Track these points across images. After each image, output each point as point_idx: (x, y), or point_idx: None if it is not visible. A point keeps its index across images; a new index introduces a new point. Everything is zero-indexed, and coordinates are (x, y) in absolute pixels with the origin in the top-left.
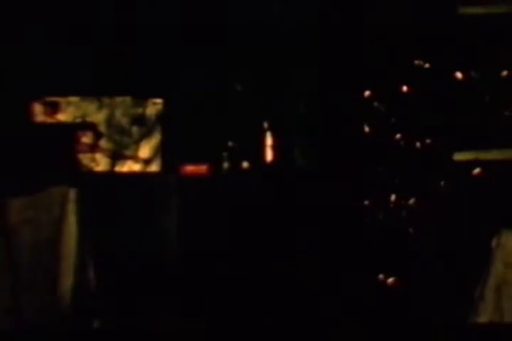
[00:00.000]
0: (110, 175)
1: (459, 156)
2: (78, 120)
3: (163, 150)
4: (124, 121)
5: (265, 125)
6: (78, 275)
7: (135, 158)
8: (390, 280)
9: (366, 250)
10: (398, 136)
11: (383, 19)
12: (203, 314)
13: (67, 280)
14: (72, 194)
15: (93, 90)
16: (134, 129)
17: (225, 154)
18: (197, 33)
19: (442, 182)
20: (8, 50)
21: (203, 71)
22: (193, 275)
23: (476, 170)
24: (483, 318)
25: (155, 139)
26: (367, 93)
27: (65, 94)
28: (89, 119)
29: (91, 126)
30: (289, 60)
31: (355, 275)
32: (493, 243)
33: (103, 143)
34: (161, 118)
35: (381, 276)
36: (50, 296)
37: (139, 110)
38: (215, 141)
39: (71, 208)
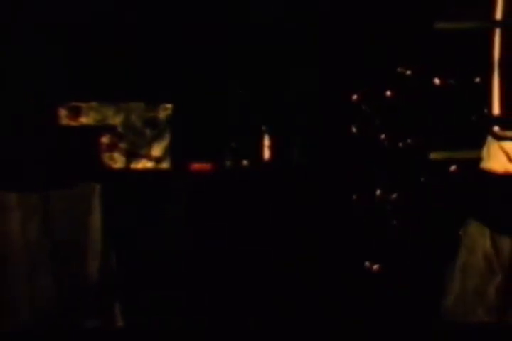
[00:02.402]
0: (127, 172)
1: (434, 155)
2: (98, 123)
3: (172, 150)
4: (138, 123)
5: (263, 128)
6: (103, 258)
7: (148, 157)
8: (375, 266)
9: (354, 240)
10: (383, 136)
11: (370, 32)
12: (206, 306)
13: (94, 262)
14: (98, 188)
15: (111, 96)
16: (147, 131)
17: (227, 153)
18: (198, 35)
19: (421, 178)
20: (38, 61)
21: (208, 79)
22: (197, 266)
23: (452, 168)
24: (451, 296)
25: (165, 140)
26: (355, 97)
27: (87, 99)
28: (107, 122)
29: (112, 129)
30: (289, 61)
31: (345, 262)
32: (461, 231)
33: (120, 143)
34: (171, 121)
35: (367, 263)
36: (81, 275)
37: (152, 114)
38: (218, 141)
39: (97, 200)
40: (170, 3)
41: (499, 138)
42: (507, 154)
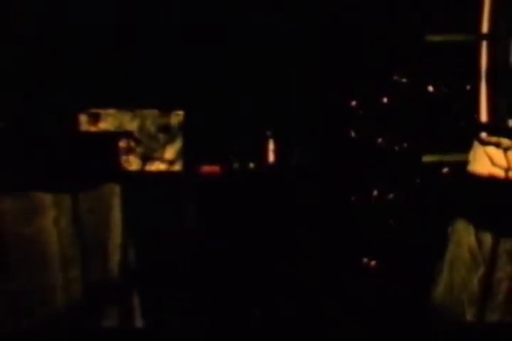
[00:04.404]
0: (142, 174)
1: (427, 158)
2: (116, 129)
3: (184, 153)
4: (153, 129)
5: (268, 133)
6: (122, 254)
7: (161, 160)
8: (373, 262)
9: (353, 237)
10: (380, 140)
11: (368, 43)
12: (213, 303)
13: (115, 257)
14: (117, 189)
15: (127, 104)
16: (161, 136)
17: (234, 156)
18: (206, 49)
19: (416, 180)
20: (62, 72)
21: (216, 88)
22: (205, 263)
23: (445, 170)
24: (440, 286)
25: (178, 144)
26: (353, 103)
27: (105, 106)
28: (124, 128)
29: (130, 134)
30: (291, 71)
31: (344, 258)
32: (450, 228)
33: (136, 147)
34: (183, 127)
35: (365, 259)
36: (105, 269)
37: (165, 120)
38: (226, 145)
39: (116, 200)
40: (181, 18)
41: (484, 143)
42: (490, 158)
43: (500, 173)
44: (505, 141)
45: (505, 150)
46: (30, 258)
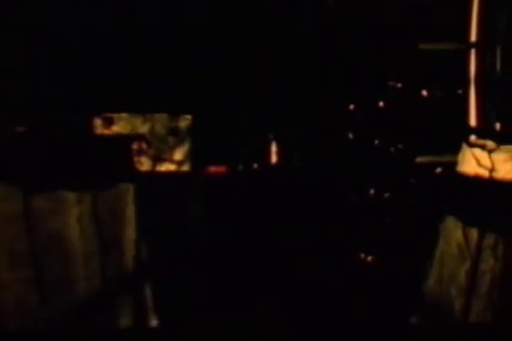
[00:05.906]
0: (153, 174)
1: (420, 159)
2: (128, 132)
3: (192, 155)
4: (163, 132)
5: (271, 136)
6: (136, 248)
7: (171, 161)
8: (369, 257)
9: (351, 234)
10: (376, 142)
11: (366, 50)
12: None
13: (130, 252)
14: (132, 188)
15: (139, 108)
16: (170, 138)
17: (239, 158)
18: (212, 56)
19: (410, 179)
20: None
21: (223, 94)
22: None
23: (438, 170)
24: (430, 280)
25: (186, 146)
26: (351, 107)
27: (118, 110)
28: (136, 131)
29: (143, 137)
30: (290, 69)
31: (342, 253)
32: (440, 225)
33: (147, 149)
34: (191, 130)
35: (362, 255)
36: (120, 263)
37: (174, 124)
38: (232, 147)
39: (131, 199)
40: (190, 27)
41: (471, 145)
42: (477, 159)
43: (485, 173)
44: (489, 144)
45: (490, 151)
46: (56, 252)
